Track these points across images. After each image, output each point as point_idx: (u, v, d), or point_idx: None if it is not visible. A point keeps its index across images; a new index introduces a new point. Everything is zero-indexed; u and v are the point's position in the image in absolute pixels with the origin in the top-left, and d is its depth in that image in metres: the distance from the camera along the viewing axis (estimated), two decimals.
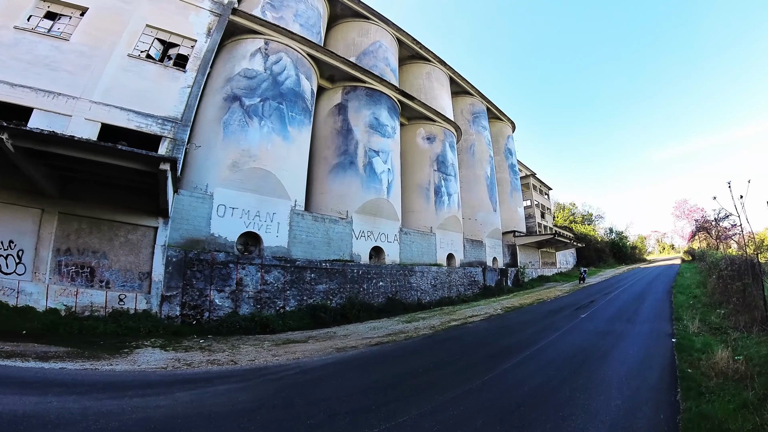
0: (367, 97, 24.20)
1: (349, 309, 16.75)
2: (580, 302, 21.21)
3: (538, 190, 49.09)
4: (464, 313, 19.03)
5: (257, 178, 16.61)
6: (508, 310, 19.80)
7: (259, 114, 17.35)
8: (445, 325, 15.61)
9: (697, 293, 21.57)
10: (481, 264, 30.14)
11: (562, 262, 49.11)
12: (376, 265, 20.88)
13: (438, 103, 30.82)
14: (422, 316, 18.25)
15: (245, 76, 17.88)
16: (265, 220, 16.70)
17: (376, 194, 22.42)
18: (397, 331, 14.04)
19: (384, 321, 16.31)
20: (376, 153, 23.30)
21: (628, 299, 21.77)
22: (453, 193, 28.28)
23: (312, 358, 9.62)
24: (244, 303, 14.04)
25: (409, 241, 24.83)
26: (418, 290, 22.84)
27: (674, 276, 36.21)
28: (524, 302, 23.04)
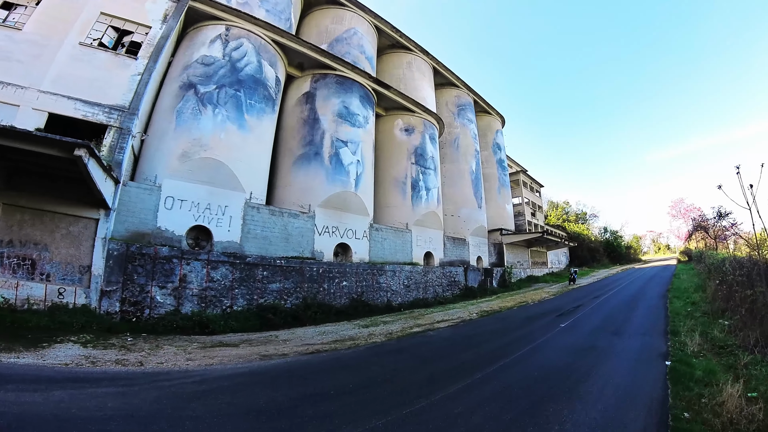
0: (338, 85, 22.06)
1: (303, 310, 14.95)
2: (564, 307, 18.56)
3: (529, 187, 46.18)
4: (433, 318, 16.67)
5: (209, 168, 15.20)
6: (484, 315, 17.36)
7: (213, 102, 15.95)
8: (405, 331, 13.36)
9: (696, 299, 18.82)
10: (463, 263, 27.50)
11: (553, 261, 46.26)
12: (340, 264, 18.69)
13: (418, 93, 28.24)
14: (386, 320, 15.97)
15: (202, 63, 16.57)
16: (216, 214, 15.26)
17: (343, 187, 20.21)
18: (346, 337, 12.13)
19: (341, 325, 14.34)
20: (344, 143, 21.07)
21: (619, 304, 19.07)
22: (432, 187, 25.67)
23: (226, 365, 8.45)
24: (187, 301, 12.86)
25: (380, 238, 22.30)
26: (388, 291, 20.50)
27: (670, 278, 33.44)
28: (505, 305, 20.47)
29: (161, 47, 15.41)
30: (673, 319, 14.20)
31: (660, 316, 15.25)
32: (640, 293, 23.49)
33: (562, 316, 15.79)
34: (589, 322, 14.11)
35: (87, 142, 9.25)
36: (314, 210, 18.99)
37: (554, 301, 21.58)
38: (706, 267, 26.68)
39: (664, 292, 23.44)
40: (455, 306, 21.14)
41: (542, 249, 42.06)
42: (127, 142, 13.31)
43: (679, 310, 16.25)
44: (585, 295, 23.85)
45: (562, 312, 16.89)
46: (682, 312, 15.59)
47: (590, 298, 21.56)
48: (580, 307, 18.29)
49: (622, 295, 22.69)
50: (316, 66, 21.82)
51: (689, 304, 17.81)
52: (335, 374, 8.10)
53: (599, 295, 23.22)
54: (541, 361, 8.88)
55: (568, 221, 64.20)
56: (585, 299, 21.41)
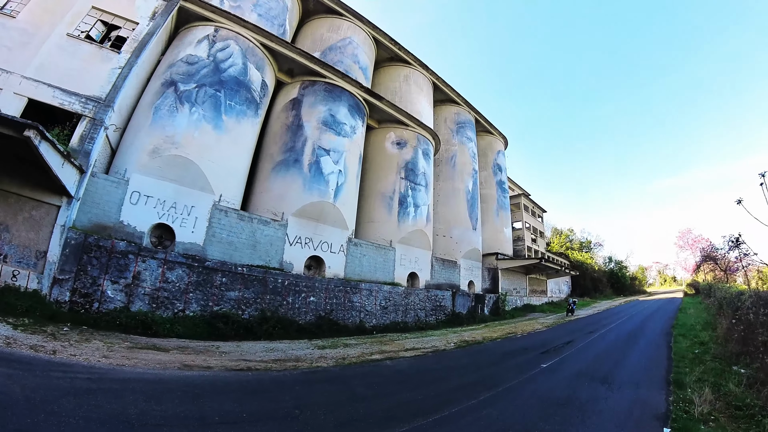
0: (326, 93, 20.81)
1: (258, 323, 13.59)
2: (554, 341, 16.04)
3: (530, 211, 43.56)
4: (404, 345, 14.51)
5: (178, 166, 14.50)
6: (461, 346, 15.02)
7: (191, 100, 15.38)
8: (362, 358, 11.42)
9: (705, 338, 16.08)
10: (452, 287, 25.04)
11: (554, 290, 43.14)
12: (309, 277, 16.84)
13: (414, 107, 26.57)
14: (350, 342, 14.09)
15: (186, 62, 16.16)
16: (181, 213, 14.45)
17: (320, 197, 18.60)
18: (292, 357, 10.57)
19: (297, 343, 12.76)
20: (326, 152, 19.61)
21: (616, 341, 16.43)
22: (422, 204, 23.60)
23: (137, 368, 7.60)
24: (138, 299, 12.10)
25: (359, 253, 20.23)
26: (362, 311, 18.45)
27: (675, 312, 30.34)
28: (490, 336, 18.06)
29: (145, 43, 15.24)
30: (677, 363, 11.65)
31: (661, 358, 12.65)
32: (642, 328, 20.70)
33: (548, 353, 13.30)
34: (577, 363, 11.61)
35: (36, 124, 8.70)
36: (287, 218, 17.60)
37: (545, 334, 18.96)
38: (716, 301, 23.65)
39: (668, 328, 20.61)
40: (435, 333, 18.83)
41: (541, 277, 39.16)
42: (98, 133, 13.11)
43: (685, 352, 13.62)
44: (581, 328, 21.14)
45: (550, 348, 14.38)
46: (689, 355, 12.96)
47: (585, 333, 18.88)
48: (571, 342, 15.71)
49: (621, 330, 19.95)
50: (307, 73, 20.81)
51: (697, 344, 15.11)
52: (239, 398, 6.72)
53: (596, 329, 20.48)
54: (492, 419, 6.52)
55: (572, 249, 60.76)
56: (579, 333, 18.75)
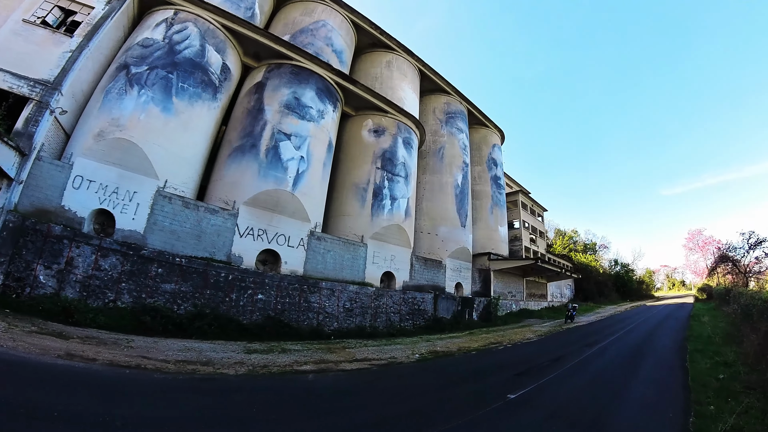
0: (292, 75, 18.48)
1: (190, 320, 11.83)
2: (540, 358, 12.66)
3: (529, 209, 39.52)
4: (354, 354, 11.81)
5: (121, 150, 13.34)
6: (425, 359, 12.06)
7: (141, 82, 14.24)
8: (288, 368, 9.20)
9: (729, 356, 12.42)
10: (435, 289, 21.67)
11: (555, 294, 39.07)
12: (257, 273, 14.41)
13: (395, 93, 23.50)
14: (292, 348, 11.75)
15: (142, 45, 15.13)
16: (123, 199, 13.16)
17: (276, 185, 16.14)
18: (202, 360, 8.83)
19: (231, 345, 10.95)
20: (287, 137, 17.12)
21: (616, 359, 12.80)
22: (400, 197, 20.37)
23: (15, 351, 6.69)
24: (69, 286, 11.09)
25: (322, 249, 17.24)
26: (321, 313, 15.67)
27: (687, 319, 26.26)
28: (467, 346, 14.89)
29: (99, 26, 14.67)
30: (698, 397, 8.06)
31: (675, 387, 9.14)
32: (650, 341, 16.88)
33: (527, 374, 9.94)
34: (558, 394, 8.22)
35: None
36: (238, 207, 15.39)
37: (533, 346, 15.54)
38: (738, 309, 19.52)
39: (680, 341, 16.82)
40: (405, 341, 15.73)
41: (541, 279, 35.25)
42: (43, 116, 12.51)
43: (706, 377, 10.01)
44: (578, 339, 17.54)
45: (532, 366, 11.03)
46: (711, 383, 9.38)
47: (581, 345, 15.29)
48: (561, 359, 12.20)
49: (624, 343, 16.25)
50: (274, 56, 18.66)
51: (720, 366, 11.43)
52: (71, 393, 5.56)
53: (596, 340, 16.81)
54: None
55: (576, 251, 56.04)
56: (574, 346, 15.20)
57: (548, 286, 37.00)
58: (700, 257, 59.80)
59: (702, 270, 58.84)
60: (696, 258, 61.12)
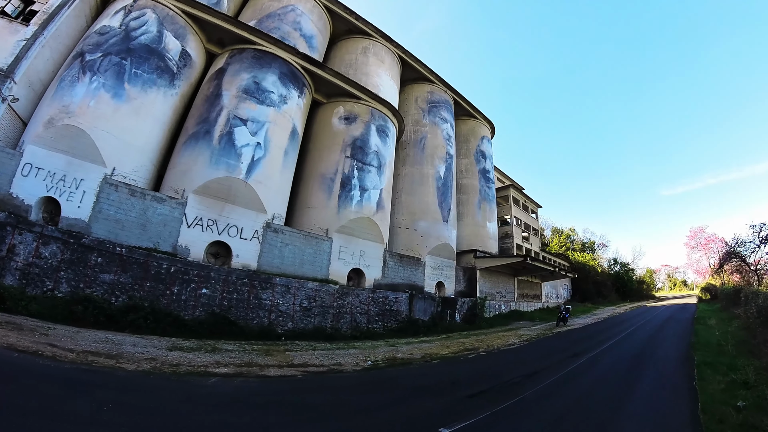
0: (254, 60, 17.12)
1: (123, 312, 10.86)
2: (512, 371, 10.30)
3: (521, 205, 36.12)
4: (291, 359, 10.19)
5: (70, 137, 12.70)
6: (376, 367, 10.23)
7: (94, 69, 13.55)
8: (197, 369, 7.84)
9: (746, 371, 9.54)
10: (412, 289, 19.12)
11: (550, 295, 36.09)
12: (202, 265, 12.98)
13: (370, 80, 21.24)
14: (227, 348, 10.38)
15: (99, 32, 14.44)
16: (69, 186, 12.48)
17: (228, 172, 14.67)
18: (114, 353, 7.83)
19: (160, 341, 9.89)
20: (243, 122, 15.61)
21: (607, 375, 10.11)
22: (371, 188, 17.98)
23: None
24: (10, 273, 10.38)
25: (279, 242, 15.17)
26: (273, 311, 13.83)
27: (691, 322, 23.51)
28: (436, 353, 12.90)
29: (54, 15, 14.40)
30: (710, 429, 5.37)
31: (682, 417, 6.38)
32: (649, 350, 14.13)
33: (485, 395, 7.78)
34: None
35: None
36: (187, 196, 14.04)
37: (511, 355, 13.21)
38: (754, 312, 16.44)
39: (685, 349, 14.10)
40: (366, 345, 13.82)
41: (534, 279, 32.37)
42: None
43: (721, 404, 7.31)
44: (566, 346, 14.99)
45: (499, 383, 8.93)
46: (729, 416, 6.60)
47: (568, 355, 12.63)
48: (538, 374, 9.72)
49: (619, 352, 13.56)
50: (238, 41, 17.41)
51: (737, 386, 8.59)
52: None
53: (587, 348, 14.11)
54: None
55: (573, 250, 52.57)
56: (560, 355, 12.72)
57: (543, 286, 34.10)
58: (702, 256, 56.09)
59: (704, 269, 55.16)
60: (698, 257, 57.33)
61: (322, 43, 22.23)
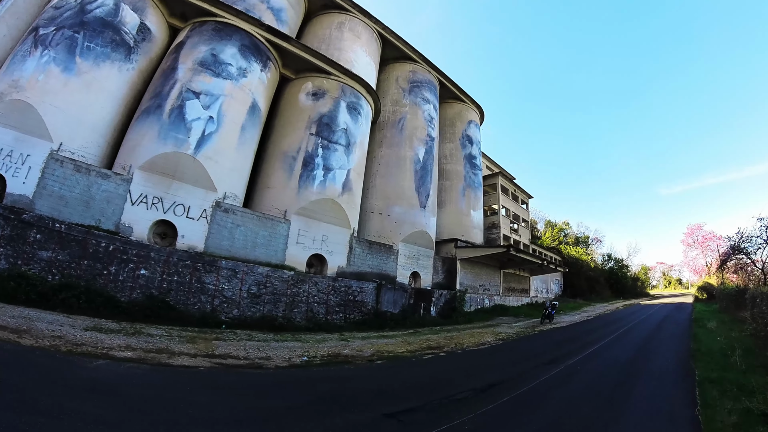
0: (213, 32, 15.94)
1: (55, 291, 9.93)
2: (466, 381, 8.81)
3: (511, 194, 33.99)
4: (213, 348, 8.99)
5: (17, 111, 12.01)
6: (308, 365, 8.74)
7: (46, 43, 12.93)
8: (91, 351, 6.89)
9: (764, 397, 7.03)
10: (381, 278, 17.11)
11: (540, 290, 33.99)
12: (143, 245, 11.99)
13: (343, 55, 19.37)
14: (153, 332, 9.38)
15: (55, 6, 13.82)
16: (15, 162, 11.74)
17: (175, 147, 13.54)
18: (20, 329, 7.16)
19: (83, 321, 8.97)
20: (196, 95, 14.42)
21: (584, 393, 7.96)
22: (337, 168, 16.11)
23: None
24: None
25: (230, 223, 13.71)
26: (218, 297, 12.62)
27: (689, 323, 21.96)
28: (390, 350, 11.19)
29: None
30: None
31: None
32: (641, 358, 11.99)
33: (408, 415, 5.24)
34: None
35: None
36: (133, 172, 13.08)
37: (476, 358, 12.06)
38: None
39: (684, 359, 11.90)
40: (315, 338, 12.33)
41: (522, 273, 30.26)
42: None
43: None
44: (545, 349, 13.29)
45: (438, 398, 7.15)
46: None
47: (543, 361, 10.79)
48: (496, 387, 7.90)
49: (604, 362, 11.25)
50: (200, 14, 16.25)
51: (758, 421, 6.19)
52: None
53: (567, 353, 12.19)
54: None
55: (566, 244, 50.05)
56: (533, 361, 10.94)
57: (531, 280, 32.02)
58: (699, 254, 53.28)
59: (701, 268, 52.44)
60: (695, 254, 54.51)
61: (293, 17, 20.48)
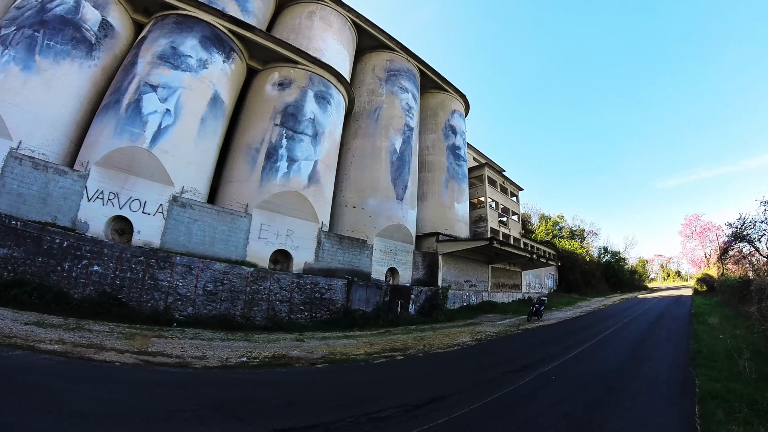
0: (174, 25, 16.13)
1: (6, 287, 10.07)
2: (402, 395, 6.82)
3: (499, 186, 33.10)
4: (148, 345, 8.86)
5: None
6: (239, 366, 8.36)
7: (6, 43, 13.13)
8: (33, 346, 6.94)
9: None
10: (354, 275, 16.88)
11: (533, 285, 33.59)
12: (96, 241, 12.04)
13: (312, 44, 19.23)
14: (94, 328, 9.39)
15: (17, 6, 14.05)
16: None
17: (131, 141, 13.63)
18: None
19: (28, 316, 9.09)
20: (153, 88, 14.54)
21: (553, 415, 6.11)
22: (303, 159, 15.97)
23: None
24: None
25: (187, 217, 13.89)
26: (172, 294, 12.56)
27: (688, 319, 20.93)
28: (345, 352, 10.67)
29: None
30: None
31: None
32: (632, 364, 10.44)
33: None
34: None
35: None
36: (90, 168, 13.18)
37: (437, 363, 10.38)
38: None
39: (683, 364, 10.34)
40: (269, 338, 12.01)
41: (513, 267, 29.90)
42: None
43: None
44: (521, 353, 12.35)
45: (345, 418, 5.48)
46: None
47: (514, 368, 9.46)
48: (437, 403, 6.41)
49: (587, 369, 9.62)
50: (163, 8, 16.50)
51: None
52: None
53: (545, 357, 10.84)
54: None
55: (561, 237, 49.38)
56: (503, 368, 9.77)
57: (523, 275, 31.62)
58: (697, 245, 52.50)
59: (700, 259, 51.60)
60: (693, 246, 53.78)
61: (262, 8, 20.48)
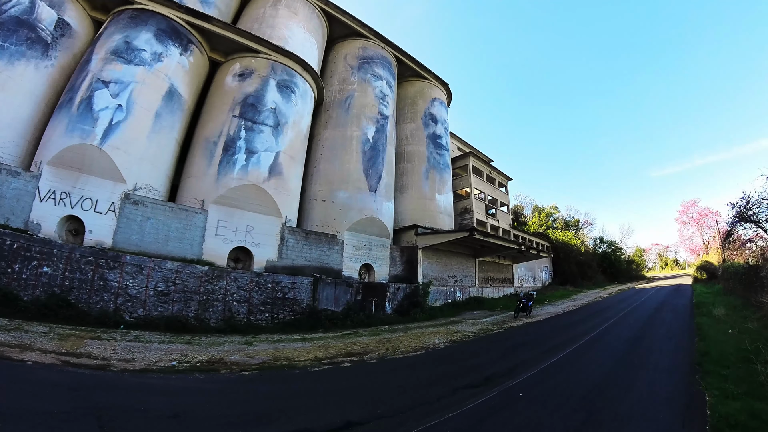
0: (129, 20, 16.21)
1: None
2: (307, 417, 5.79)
3: (485, 176, 32.59)
4: (78, 346, 8.93)
5: None
6: (167, 369, 8.41)
7: None
8: None
9: None
10: (322, 272, 16.64)
11: (525, 278, 33.11)
12: (46, 241, 12.08)
13: (276, 32, 19.09)
14: (33, 330, 9.61)
15: None
16: None
17: (82, 138, 13.71)
18: None
19: None
20: (105, 84, 14.57)
21: None
22: (263, 150, 15.93)
23: None
24: None
25: (140, 216, 14.18)
26: (122, 295, 12.47)
27: (689, 310, 19.98)
28: (288, 357, 10.23)
29: None
30: None
31: None
32: (626, 369, 9.08)
33: None
34: None
35: None
36: (42, 168, 13.33)
37: (384, 373, 8.89)
38: None
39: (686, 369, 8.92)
40: (216, 340, 11.88)
41: (504, 261, 29.50)
42: None
43: None
44: (495, 357, 10.93)
45: None
46: None
47: (475, 382, 8.04)
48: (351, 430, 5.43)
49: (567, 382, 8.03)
50: (120, 3, 16.64)
51: None
52: None
53: (516, 366, 9.34)
54: None
55: (555, 229, 48.68)
56: (469, 377, 8.52)
57: (515, 268, 31.21)
58: (695, 232, 51.76)
59: (698, 246, 51.00)
60: (691, 233, 53.05)
61: (230, 5, 20.06)
